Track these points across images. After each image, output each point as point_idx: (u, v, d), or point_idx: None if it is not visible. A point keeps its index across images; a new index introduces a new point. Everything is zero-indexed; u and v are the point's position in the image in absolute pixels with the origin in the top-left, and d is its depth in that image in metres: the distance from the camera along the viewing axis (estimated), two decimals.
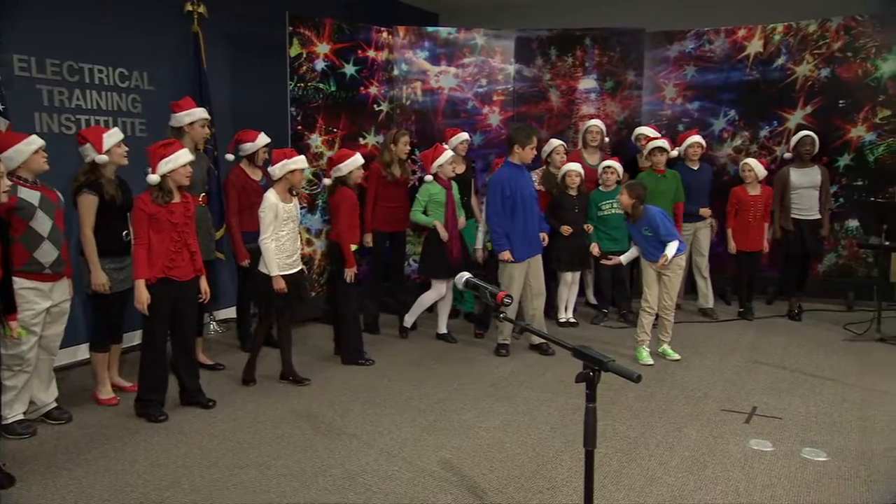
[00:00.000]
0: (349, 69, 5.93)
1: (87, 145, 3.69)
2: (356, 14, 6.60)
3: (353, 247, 4.56)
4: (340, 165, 4.55)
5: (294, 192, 4.15)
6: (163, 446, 3.36)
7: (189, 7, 5.21)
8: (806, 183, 5.56)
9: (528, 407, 3.86)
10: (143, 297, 3.52)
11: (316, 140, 5.74)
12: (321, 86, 5.75)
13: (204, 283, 3.82)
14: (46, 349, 3.59)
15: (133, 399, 3.78)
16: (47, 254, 3.43)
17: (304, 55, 5.62)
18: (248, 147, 4.77)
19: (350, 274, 4.52)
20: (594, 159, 5.82)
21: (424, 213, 5.03)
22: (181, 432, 3.53)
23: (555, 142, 5.65)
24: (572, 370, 1.85)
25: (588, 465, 1.83)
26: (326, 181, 4.78)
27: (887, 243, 5.01)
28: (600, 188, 5.57)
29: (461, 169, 5.40)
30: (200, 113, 4.32)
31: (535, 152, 4.71)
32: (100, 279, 3.71)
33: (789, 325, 5.59)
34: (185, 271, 3.69)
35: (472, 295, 4.05)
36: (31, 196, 3.38)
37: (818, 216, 5.59)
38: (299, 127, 5.60)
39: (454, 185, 5.13)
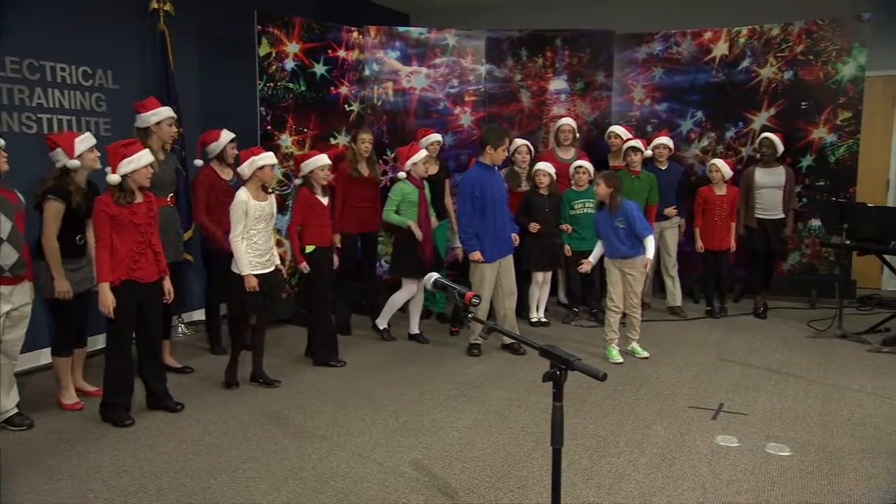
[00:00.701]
0: (319, 69, 5.89)
1: (58, 150, 3.61)
2: (326, 13, 6.56)
3: (310, 248, 4.48)
4: (302, 165, 4.54)
5: (269, 190, 4.09)
6: (129, 451, 3.30)
7: (155, 4, 5.13)
8: (769, 183, 5.67)
9: (499, 406, 3.87)
10: (107, 300, 3.45)
11: (286, 140, 5.69)
12: (291, 85, 5.70)
13: (168, 284, 3.76)
14: (7, 354, 3.50)
15: (98, 404, 3.71)
16: (6, 256, 3.35)
17: (274, 54, 5.57)
18: (214, 147, 4.70)
19: (303, 268, 4.51)
20: (568, 154, 5.88)
21: (397, 212, 5.02)
22: (148, 437, 3.47)
23: (518, 141, 5.69)
24: (543, 370, 1.86)
25: (555, 463, 1.84)
26: (297, 181, 4.75)
27: (848, 242, 5.13)
28: (572, 187, 5.62)
29: (434, 170, 5.41)
30: (167, 112, 4.26)
31: (507, 153, 4.75)
32: (63, 287, 3.64)
33: (755, 322, 5.70)
34: (150, 272, 3.63)
35: (443, 295, 4.05)
36: None
37: (782, 215, 5.71)
38: (269, 127, 5.55)
39: (426, 185, 5.13)
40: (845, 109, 6.03)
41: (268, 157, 4.02)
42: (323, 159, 4.51)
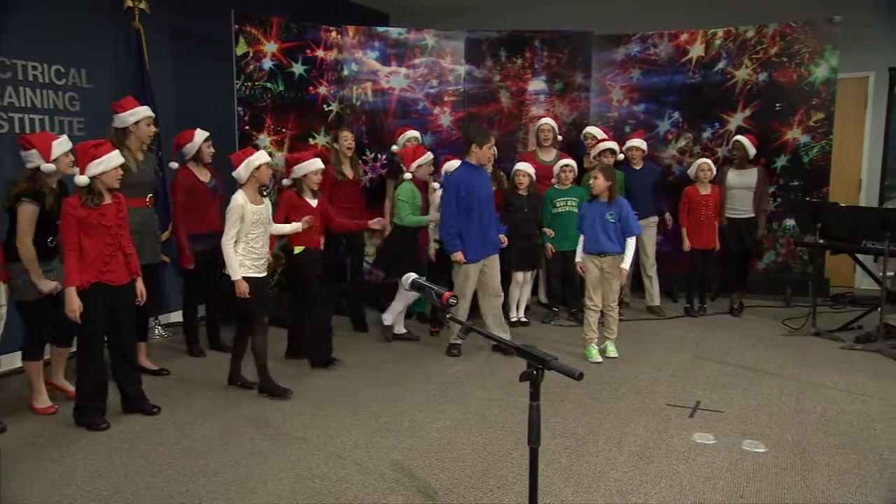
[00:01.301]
0: (298, 69, 5.86)
1: (33, 151, 3.53)
2: (304, 13, 6.52)
3: (299, 248, 4.43)
4: (294, 168, 4.45)
5: (264, 193, 4.03)
6: (104, 455, 3.25)
7: (129, 3, 5.06)
8: (740, 184, 5.78)
9: (479, 406, 3.88)
10: (74, 304, 3.39)
11: (264, 140, 5.65)
12: (269, 85, 5.67)
13: (140, 286, 3.70)
14: None
15: (72, 407, 3.65)
16: None
17: (251, 54, 5.53)
18: (190, 148, 4.64)
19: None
20: (549, 156, 5.91)
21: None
22: (123, 440, 3.42)
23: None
24: (522, 370, 1.87)
25: (532, 462, 1.85)
26: (285, 182, 4.68)
27: (821, 241, 5.22)
28: (556, 186, 5.64)
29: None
30: (144, 111, 4.20)
31: (492, 151, 4.74)
32: (48, 286, 3.58)
33: (731, 321, 5.77)
34: (120, 275, 3.58)
35: (424, 296, 4.03)
36: None
37: (752, 215, 5.80)
38: (247, 127, 5.51)
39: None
40: (818, 111, 6.13)
41: (262, 156, 3.97)
42: (317, 164, 4.42)
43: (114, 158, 3.47)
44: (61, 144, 3.61)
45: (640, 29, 6.68)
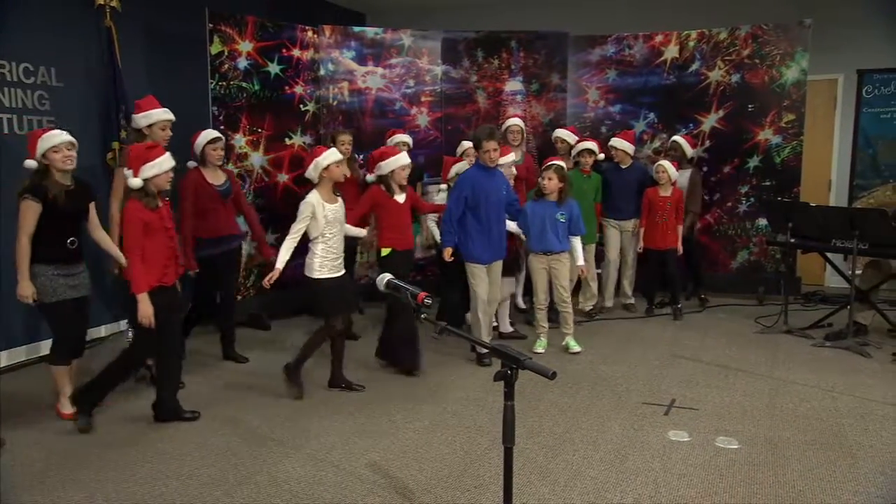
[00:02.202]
0: (273, 68, 5.81)
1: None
2: (280, 12, 6.48)
3: (386, 250, 4.24)
4: (381, 164, 4.27)
5: (337, 193, 3.98)
6: (77, 460, 3.19)
7: (100, 0, 4.98)
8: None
9: (456, 407, 3.88)
10: (148, 310, 3.36)
11: (240, 140, 5.60)
12: (244, 85, 5.61)
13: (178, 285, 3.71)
14: None
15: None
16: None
17: (226, 53, 5.47)
18: (196, 148, 4.51)
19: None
20: (516, 156, 5.89)
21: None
22: (96, 445, 3.36)
23: (465, 143, 5.45)
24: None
25: (507, 461, 1.86)
26: (370, 178, 4.52)
27: (793, 241, 5.30)
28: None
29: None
30: (159, 114, 4.10)
31: (488, 155, 4.39)
32: (25, 290, 3.46)
33: (706, 319, 5.83)
34: (173, 276, 3.57)
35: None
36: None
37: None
38: (222, 127, 5.45)
39: None
40: (789, 112, 6.24)
41: (331, 156, 3.90)
42: (403, 158, 4.25)
43: (165, 162, 3.45)
44: (47, 139, 3.45)
45: (616, 30, 6.73)
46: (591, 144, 5.67)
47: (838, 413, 3.73)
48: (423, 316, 2.03)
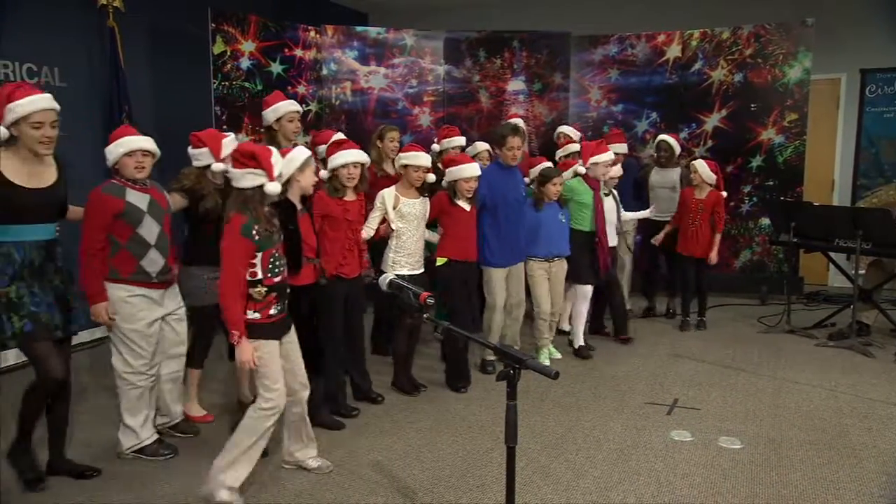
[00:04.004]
0: (276, 68, 5.82)
1: (204, 150, 3.35)
2: (283, 12, 6.48)
3: (441, 260, 4.05)
4: (448, 171, 4.04)
5: (424, 191, 3.91)
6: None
7: (103, 0, 4.99)
8: (662, 183, 5.62)
9: (459, 406, 3.88)
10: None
11: (243, 140, 5.60)
12: (247, 84, 5.62)
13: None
14: (173, 358, 3.34)
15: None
16: (153, 262, 3.08)
17: (229, 53, 5.49)
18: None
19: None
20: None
21: None
22: (99, 450, 3.36)
23: (480, 145, 5.16)
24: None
25: (510, 461, 1.86)
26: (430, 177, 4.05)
27: (795, 240, 5.29)
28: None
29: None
30: (286, 106, 3.96)
31: (511, 153, 4.17)
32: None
33: (709, 320, 5.79)
34: (353, 268, 3.59)
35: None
36: (140, 200, 3.03)
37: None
38: (224, 126, 5.45)
39: None
40: (792, 111, 6.23)
41: (413, 158, 3.80)
42: (473, 169, 3.98)
43: (349, 155, 3.45)
44: (231, 143, 3.41)
45: (618, 30, 6.73)
46: (576, 147, 5.48)
47: (841, 413, 3.73)
48: (425, 315, 2.03)
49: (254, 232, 2.63)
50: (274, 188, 2.65)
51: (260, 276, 2.69)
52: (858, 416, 3.68)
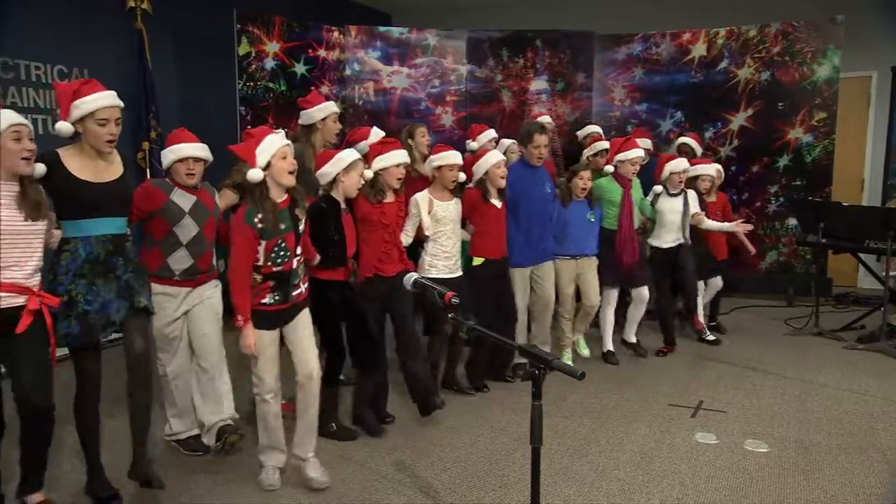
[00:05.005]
0: (300, 68, 5.87)
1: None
2: (306, 13, 6.54)
3: (479, 260, 3.98)
4: (474, 166, 3.97)
5: (456, 193, 3.86)
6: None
7: (132, 3, 5.07)
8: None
9: (480, 406, 3.88)
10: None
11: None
12: (271, 85, 5.68)
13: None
14: (200, 354, 3.22)
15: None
16: (180, 261, 3.09)
17: (254, 54, 5.54)
18: (362, 147, 4.11)
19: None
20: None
21: None
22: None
23: (506, 141, 5.23)
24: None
25: (534, 462, 1.85)
26: (461, 176, 3.96)
27: (824, 241, 5.21)
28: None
29: None
30: (332, 107, 3.96)
31: (538, 151, 4.11)
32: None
33: (734, 320, 5.74)
34: (394, 267, 3.52)
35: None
36: (185, 201, 3.05)
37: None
38: (249, 127, 5.50)
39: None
40: (820, 110, 6.13)
41: (443, 158, 3.73)
42: (497, 154, 3.96)
43: (395, 156, 3.45)
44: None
45: (642, 29, 6.67)
46: (606, 145, 5.46)
47: (871, 417, 3.66)
48: (450, 316, 2.03)
49: (256, 220, 2.71)
50: (254, 175, 2.71)
51: (260, 262, 2.76)
52: (889, 420, 3.61)
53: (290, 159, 2.82)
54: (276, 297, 2.83)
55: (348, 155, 3.19)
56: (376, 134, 4.16)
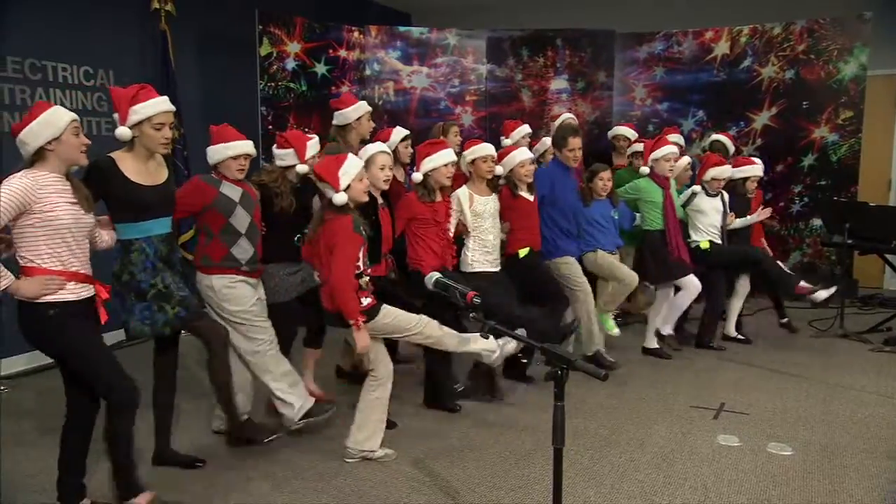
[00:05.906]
0: (320, 69, 5.90)
1: (290, 150, 3.45)
2: (327, 13, 6.57)
3: (524, 251, 4.05)
4: (503, 161, 4.02)
5: (497, 189, 3.96)
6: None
7: (156, 4, 5.13)
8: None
9: (499, 406, 3.87)
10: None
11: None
12: (292, 85, 5.71)
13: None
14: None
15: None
16: (244, 251, 3.21)
17: (275, 54, 5.58)
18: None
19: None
20: None
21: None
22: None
23: (547, 140, 5.11)
24: (543, 369, 1.86)
25: (557, 462, 1.85)
26: (498, 169, 4.04)
27: (850, 242, 5.13)
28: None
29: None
30: (366, 106, 4.05)
31: (573, 154, 4.23)
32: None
33: (756, 321, 5.67)
34: (452, 262, 3.73)
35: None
36: (233, 192, 3.19)
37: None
38: (270, 126, 5.56)
39: None
40: (847, 109, 6.03)
41: (478, 150, 3.82)
42: (525, 152, 4.06)
43: (443, 156, 3.55)
44: (314, 146, 3.52)
45: (664, 27, 6.62)
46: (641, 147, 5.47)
47: None
48: (471, 315, 2.04)
49: (361, 228, 2.97)
50: (339, 199, 2.93)
51: (362, 267, 3.01)
52: None
53: (365, 181, 3.05)
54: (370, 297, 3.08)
55: (370, 149, 3.36)
56: (398, 133, 4.22)
